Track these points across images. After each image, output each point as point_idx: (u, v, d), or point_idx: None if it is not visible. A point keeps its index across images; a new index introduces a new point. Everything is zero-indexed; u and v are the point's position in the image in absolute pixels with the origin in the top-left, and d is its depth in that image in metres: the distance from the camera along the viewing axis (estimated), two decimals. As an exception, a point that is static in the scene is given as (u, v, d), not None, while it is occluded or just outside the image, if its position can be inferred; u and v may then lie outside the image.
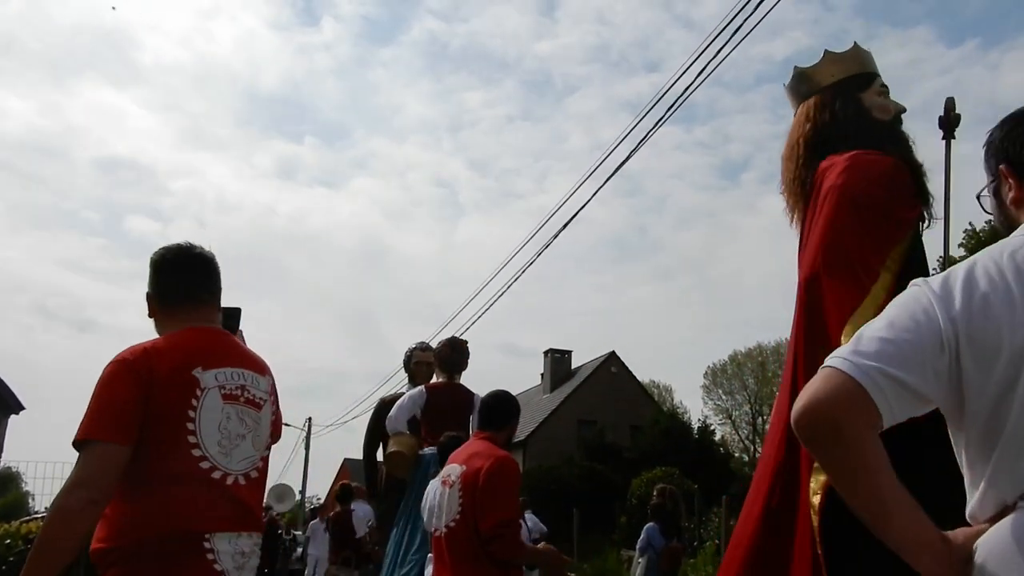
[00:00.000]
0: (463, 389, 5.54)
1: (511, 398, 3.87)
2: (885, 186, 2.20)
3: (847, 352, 1.16)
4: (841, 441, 1.11)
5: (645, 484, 17.62)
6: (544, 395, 34.93)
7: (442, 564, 3.46)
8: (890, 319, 1.19)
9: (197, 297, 2.17)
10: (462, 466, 3.46)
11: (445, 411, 5.38)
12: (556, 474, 24.46)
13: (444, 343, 5.85)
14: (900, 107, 2.49)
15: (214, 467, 1.97)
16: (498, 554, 3.27)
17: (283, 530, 18.65)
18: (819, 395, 1.13)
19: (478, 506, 3.30)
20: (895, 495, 1.11)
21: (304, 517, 31.04)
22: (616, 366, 34.44)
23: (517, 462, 3.54)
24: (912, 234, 2.24)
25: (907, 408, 1.15)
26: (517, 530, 3.37)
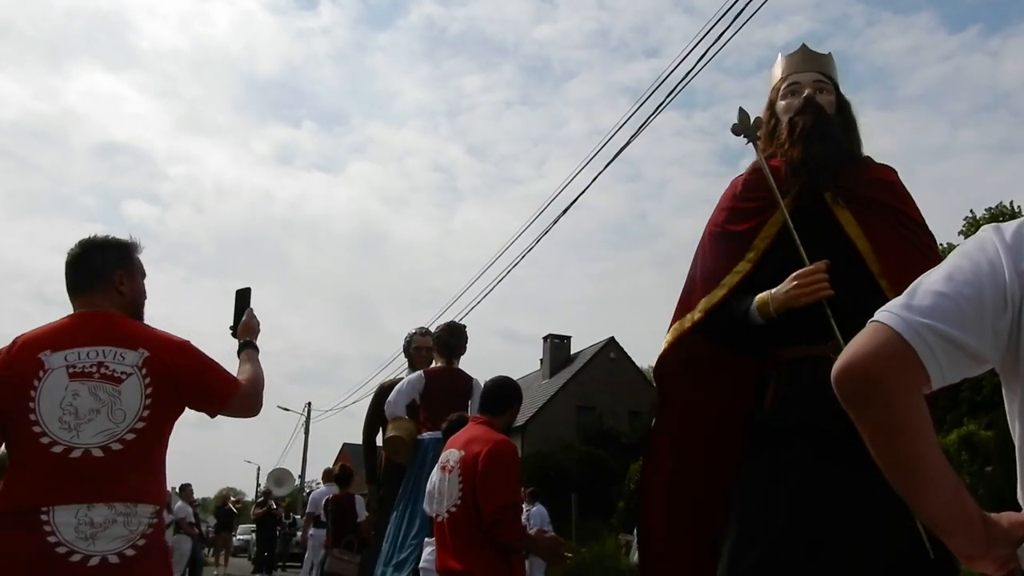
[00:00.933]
0: (462, 374, 5.55)
1: (513, 384, 3.87)
2: (724, 208, 2.47)
3: (898, 306, 1.06)
4: (880, 402, 1.02)
5: (643, 470, 17.64)
6: (543, 381, 35.00)
7: (444, 549, 3.48)
8: (950, 269, 1.08)
9: (75, 288, 2.33)
10: (460, 451, 3.48)
11: (444, 396, 5.38)
12: (555, 460, 24.54)
13: (442, 328, 5.85)
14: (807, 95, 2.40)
15: (54, 442, 2.06)
16: (500, 538, 3.30)
17: (282, 514, 18.72)
18: (861, 351, 1.04)
19: (478, 491, 3.32)
20: (933, 463, 1.02)
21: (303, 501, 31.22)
22: (615, 352, 34.47)
23: (515, 446, 3.55)
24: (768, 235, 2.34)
25: (960, 369, 1.05)
26: (518, 515, 3.42)
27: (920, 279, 1.10)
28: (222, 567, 17.45)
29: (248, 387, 2.41)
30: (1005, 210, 18.82)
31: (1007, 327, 1.05)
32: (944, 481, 1.03)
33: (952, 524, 1.04)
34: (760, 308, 2.27)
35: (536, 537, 3.74)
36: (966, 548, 1.04)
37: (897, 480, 1.04)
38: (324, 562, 6.99)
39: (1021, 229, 1.10)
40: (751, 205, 2.41)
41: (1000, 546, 1.04)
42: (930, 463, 1.02)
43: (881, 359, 1.03)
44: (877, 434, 1.04)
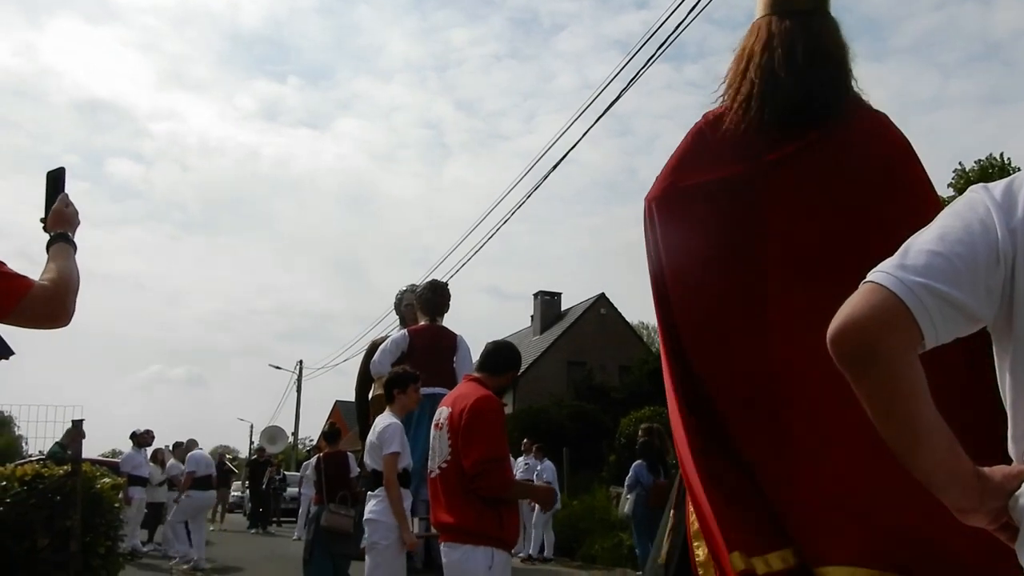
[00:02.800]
0: (446, 331, 5.58)
1: (514, 350, 3.88)
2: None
3: (892, 266, 1.06)
4: (878, 363, 1.02)
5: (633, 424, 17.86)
6: (534, 337, 35.17)
7: (437, 504, 3.52)
8: (942, 229, 1.09)
9: None
10: (449, 408, 3.52)
11: (428, 353, 5.44)
12: (546, 414, 24.75)
13: (425, 286, 5.92)
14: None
15: None
16: (483, 491, 3.32)
17: (273, 469, 18.86)
18: (857, 312, 1.04)
19: (460, 446, 3.36)
20: (928, 422, 1.03)
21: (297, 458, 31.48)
22: (606, 308, 34.62)
23: (500, 401, 3.56)
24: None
25: (954, 328, 1.05)
26: (501, 466, 3.40)
27: (912, 239, 1.09)
28: (218, 523, 17.65)
29: (47, 289, 1.89)
30: (995, 162, 18.76)
31: (999, 284, 1.06)
32: (939, 438, 1.03)
33: (947, 480, 1.05)
34: None
35: (527, 485, 3.78)
36: (961, 502, 1.06)
37: (893, 438, 1.05)
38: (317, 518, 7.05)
39: (1010, 187, 1.11)
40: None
41: (994, 499, 1.05)
42: (926, 421, 1.03)
43: (877, 319, 1.02)
44: (874, 394, 1.05)
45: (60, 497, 6.39)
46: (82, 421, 7.08)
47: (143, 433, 11.76)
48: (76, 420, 7.12)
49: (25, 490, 6.31)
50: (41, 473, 6.56)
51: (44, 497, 6.35)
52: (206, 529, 15.37)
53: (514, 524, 3.56)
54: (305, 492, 14.12)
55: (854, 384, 1.06)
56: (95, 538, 6.70)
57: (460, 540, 3.35)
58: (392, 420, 4.54)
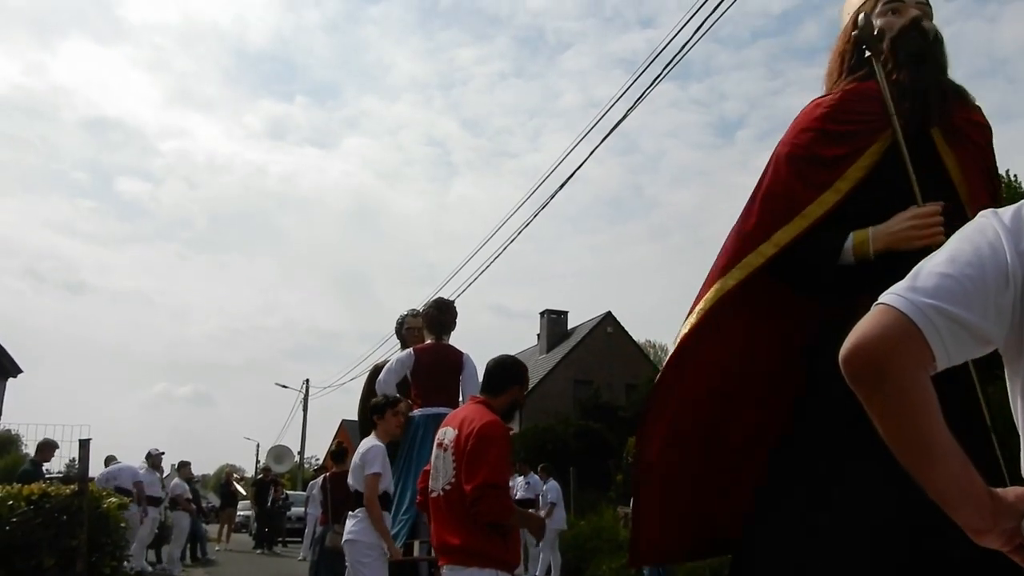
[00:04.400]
0: (452, 350, 5.53)
1: (512, 363, 3.79)
2: (811, 129, 2.16)
3: (903, 288, 1.09)
4: (887, 381, 1.04)
5: (640, 442, 17.76)
6: (540, 355, 35.11)
7: (439, 526, 3.51)
8: (952, 252, 1.11)
9: None
10: (455, 430, 3.50)
11: (434, 372, 5.39)
12: (552, 433, 24.67)
13: (430, 304, 5.84)
14: (914, 14, 2.19)
15: None
16: (481, 515, 3.31)
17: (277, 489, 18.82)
18: (868, 333, 1.06)
19: (463, 470, 3.36)
20: (940, 441, 1.04)
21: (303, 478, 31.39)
22: (612, 326, 34.56)
23: (505, 427, 3.54)
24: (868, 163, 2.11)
25: (965, 349, 1.07)
26: (502, 493, 3.38)
27: (922, 263, 1.12)
28: (224, 543, 17.61)
29: None
30: (1001, 178, 18.72)
31: (1009, 305, 1.08)
32: (951, 458, 1.05)
33: (960, 499, 1.06)
34: (857, 246, 2.01)
35: (525, 512, 3.78)
36: (974, 522, 1.06)
37: (905, 458, 1.06)
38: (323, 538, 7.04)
39: (1019, 212, 1.13)
40: (845, 128, 2.13)
41: (1007, 519, 1.06)
42: (937, 441, 1.04)
43: (888, 340, 1.05)
44: (885, 414, 1.07)
45: (66, 516, 6.40)
46: (89, 440, 7.09)
47: (159, 454, 11.76)
48: (83, 439, 7.14)
49: (32, 509, 6.33)
50: (48, 492, 6.58)
51: (50, 516, 6.36)
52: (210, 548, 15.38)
53: (516, 546, 3.55)
54: (311, 512, 14.07)
55: (866, 403, 1.08)
56: (101, 557, 6.71)
57: (463, 562, 3.34)
58: (375, 443, 4.59)
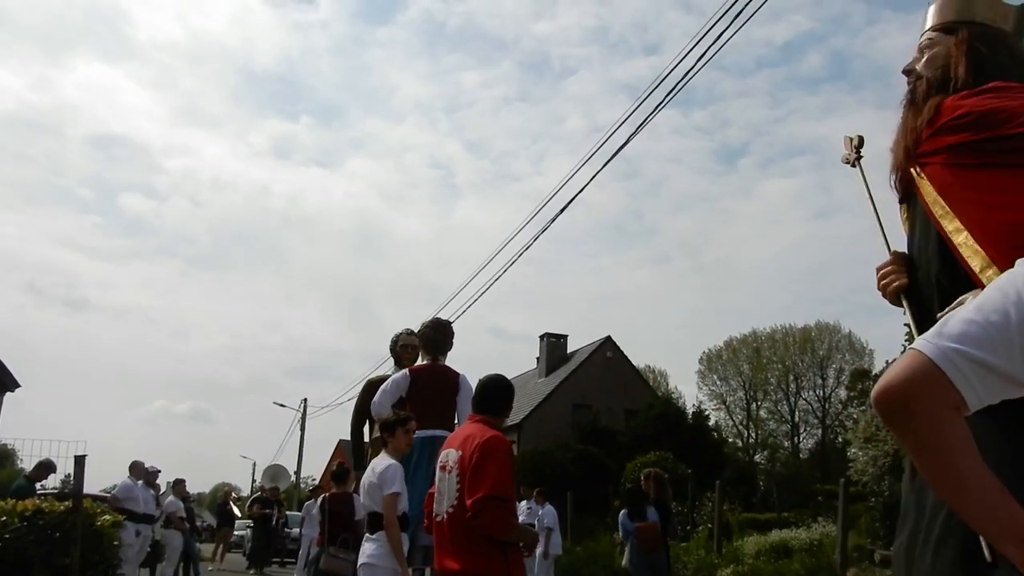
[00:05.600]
0: (448, 370, 5.47)
1: (509, 385, 3.84)
2: None
3: (931, 334, 1.15)
4: (915, 421, 1.11)
5: (639, 468, 17.70)
6: (540, 379, 35.00)
7: (443, 549, 3.46)
8: (980, 301, 1.17)
9: None
10: (458, 451, 3.47)
11: (430, 393, 5.33)
12: (551, 457, 24.55)
13: (427, 325, 5.76)
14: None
15: None
16: (481, 529, 3.27)
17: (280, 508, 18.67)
18: (895, 376, 1.13)
19: (466, 484, 3.32)
20: (973, 476, 1.09)
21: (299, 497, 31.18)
22: (612, 351, 34.49)
23: (508, 442, 3.52)
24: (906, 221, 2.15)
25: (997, 390, 1.12)
26: (503, 507, 3.33)
27: (951, 312, 1.19)
28: (217, 563, 17.44)
29: None
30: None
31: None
32: (987, 491, 1.09)
33: (998, 533, 1.10)
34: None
35: (524, 528, 3.75)
36: (1017, 556, 1.09)
37: (941, 493, 1.12)
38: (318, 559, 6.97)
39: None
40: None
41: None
42: (971, 477, 1.09)
43: (913, 383, 1.11)
44: (918, 451, 1.13)
45: (60, 533, 6.34)
46: (85, 457, 7.04)
47: (155, 471, 11.66)
48: (79, 456, 7.09)
49: (25, 526, 6.27)
50: (41, 508, 6.52)
51: (44, 533, 6.30)
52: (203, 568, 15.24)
53: (520, 569, 3.50)
54: (306, 533, 13.96)
55: (901, 441, 1.16)
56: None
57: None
58: (391, 461, 4.51)
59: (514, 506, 3.55)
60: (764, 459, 45.63)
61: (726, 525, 15.08)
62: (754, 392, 46.49)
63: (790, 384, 45.34)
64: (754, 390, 46.40)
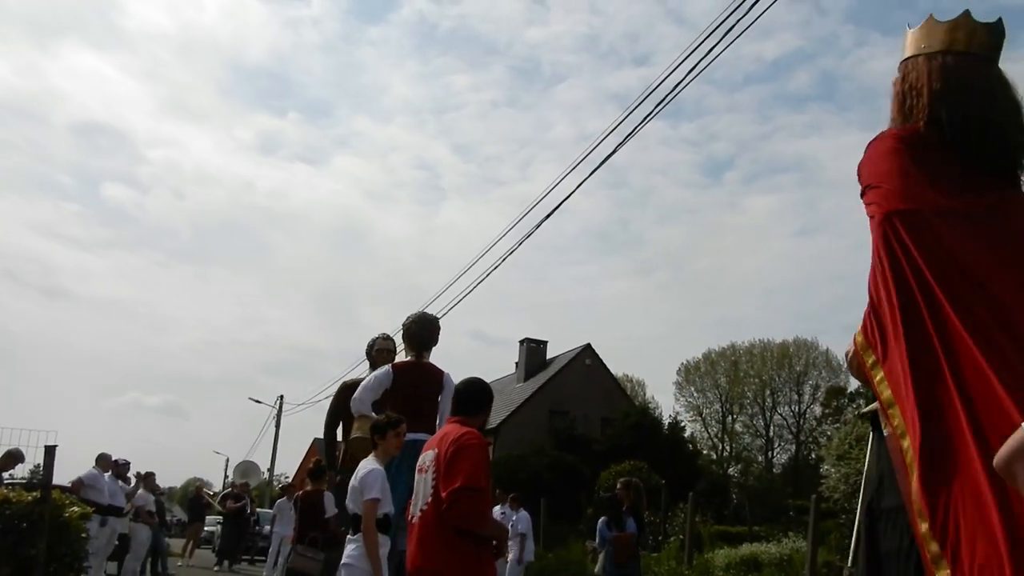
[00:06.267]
0: (432, 368, 5.34)
1: (483, 385, 3.86)
2: None
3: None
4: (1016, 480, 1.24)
5: (613, 477, 17.73)
6: (518, 384, 35.00)
7: (414, 547, 3.46)
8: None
9: None
10: (435, 450, 3.48)
11: (413, 391, 5.21)
12: (526, 463, 24.53)
13: (413, 319, 5.55)
14: None
15: None
16: (456, 520, 3.27)
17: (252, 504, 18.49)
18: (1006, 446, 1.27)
19: (441, 478, 3.32)
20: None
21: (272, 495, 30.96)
22: (591, 358, 34.55)
23: (483, 437, 3.52)
24: None
25: None
26: (479, 498, 3.33)
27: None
28: (187, 558, 17.26)
29: None
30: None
31: None
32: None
33: None
34: None
35: (499, 523, 3.78)
36: None
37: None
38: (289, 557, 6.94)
39: None
40: None
41: None
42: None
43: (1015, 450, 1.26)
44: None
45: (27, 524, 6.26)
46: (55, 447, 6.96)
47: (124, 463, 11.52)
48: (48, 446, 7.00)
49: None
50: (8, 499, 6.43)
51: (10, 524, 6.21)
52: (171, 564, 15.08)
53: (492, 567, 3.50)
54: (278, 530, 13.85)
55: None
56: (59, 569, 6.54)
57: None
58: (375, 466, 4.49)
59: (489, 498, 3.55)
60: (738, 472, 45.84)
61: (697, 537, 15.13)
62: (730, 405, 46.75)
63: (766, 399, 45.64)
64: (730, 403, 46.66)
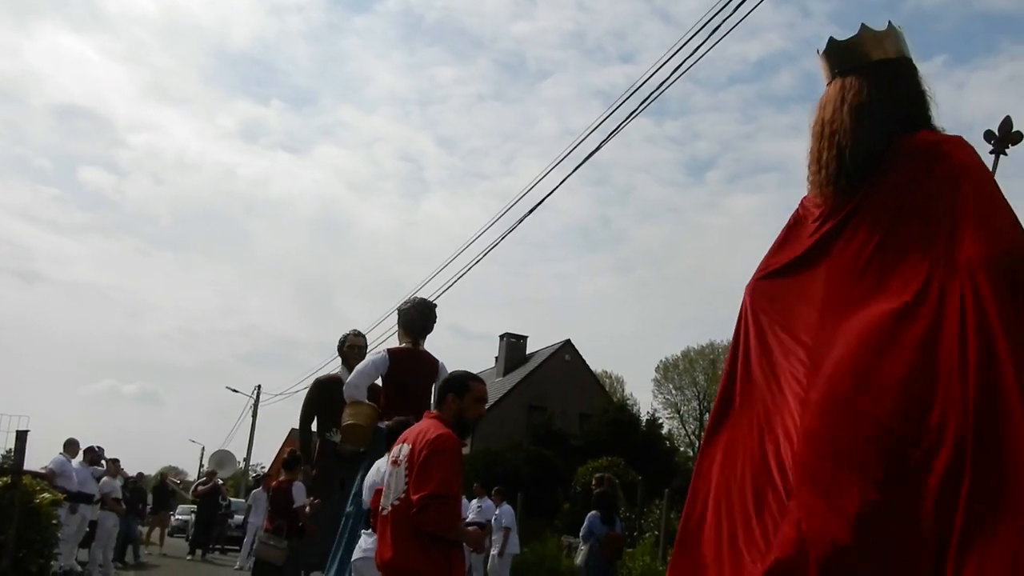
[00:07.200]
0: (428, 356, 5.25)
1: (450, 375, 3.84)
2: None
3: None
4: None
5: (590, 472, 17.79)
6: (497, 378, 35.02)
7: (384, 542, 3.44)
8: None
9: None
10: (410, 445, 3.46)
11: (409, 379, 5.09)
12: (503, 457, 24.55)
13: (411, 304, 5.42)
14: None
15: None
16: (424, 525, 3.26)
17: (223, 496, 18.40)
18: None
19: (413, 480, 3.31)
20: None
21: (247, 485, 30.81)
22: (570, 354, 34.64)
23: (458, 440, 3.50)
24: None
25: None
26: (449, 505, 3.33)
27: None
28: (157, 546, 17.13)
29: None
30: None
31: None
32: None
33: None
34: None
35: (464, 529, 3.76)
36: None
37: None
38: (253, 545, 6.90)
39: None
40: None
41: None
42: None
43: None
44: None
45: (-5, 509, 6.18)
46: (26, 432, 6.87)
47: (99, 449, 11.38)
48: (20, 431, 6.91)
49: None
50: (-22, 483, 6.35)
51: (-22, 508, 6.13)
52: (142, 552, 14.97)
53: (461, 568, 3.50)
54: (251, 521, 13.78)
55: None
56: (28, 555, 6.47)
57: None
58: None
59: (459, 505, 3.53)
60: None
61: (673, 533, 15.21)
62: (708, 403, 47.00)
63: (743, 397, 45.98)
64: (708, 401, 46.91)
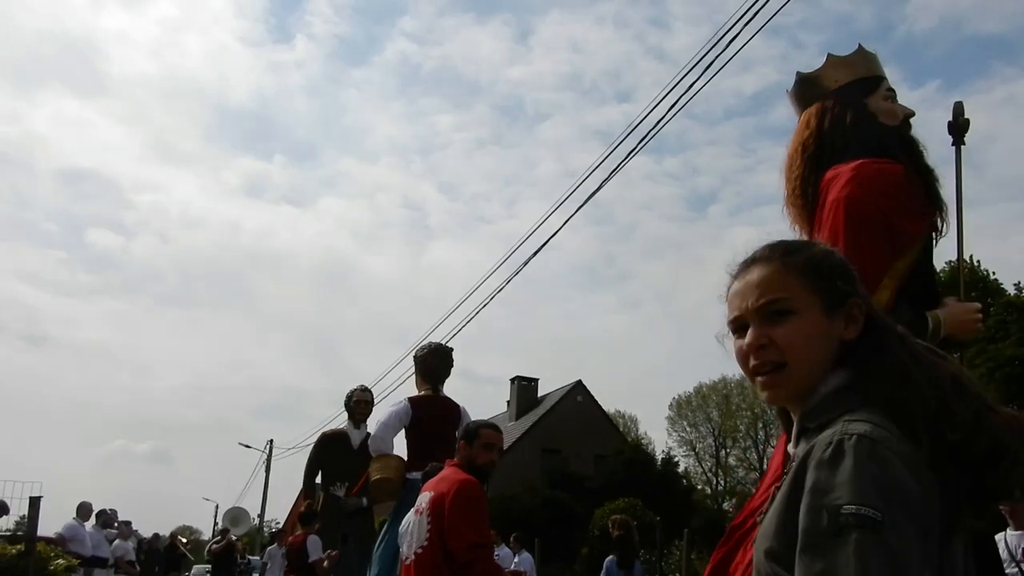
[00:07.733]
0: (449, 402, 5.16)
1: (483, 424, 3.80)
2: (892, 196, 2.13)
3: None
4: None
5: (607, 515, 17.56)
6: (509, 423, 34.80)
7: None
8: None
9: None
10: (431, 492, 3.47)
11: (434, 427, 5.01)
12: (518, 502, 24.29)
13: (428, 351, 5.27)
14: (909, 111, 2.37)
15: None
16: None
17: (239, 554, 18.18)
18: None
19: (447, 531, 3.30)
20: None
21: (262, 541, 30.46)
22: (582, 395, 34.45)
23: (482, 487, 3.50)
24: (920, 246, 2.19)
25: None
26: (490, 554, 3.39)
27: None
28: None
29: None
30: (965, 264, 19.16)
31: None
32: None
33: None
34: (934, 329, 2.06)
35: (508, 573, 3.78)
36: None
37: None
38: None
39: None
40: (915, 207, 2.20)
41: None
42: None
43: None
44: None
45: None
46: (40, 499, 6.85)
47: (112, 512, 11.30)
48: (33, 497, 6.89)
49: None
50: (-8, 551, 6.31)
51: (-7, 577, 6.09)
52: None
53: None
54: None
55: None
56: (44, 622, 6.40)
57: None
58: None
59: None
60: (733, 507, 45.52)
61: (695, 574, 14.97)
62: (723, 439, 46.57)
63: (759, 431, 45.49)
64: (723, 437, 46.49)
